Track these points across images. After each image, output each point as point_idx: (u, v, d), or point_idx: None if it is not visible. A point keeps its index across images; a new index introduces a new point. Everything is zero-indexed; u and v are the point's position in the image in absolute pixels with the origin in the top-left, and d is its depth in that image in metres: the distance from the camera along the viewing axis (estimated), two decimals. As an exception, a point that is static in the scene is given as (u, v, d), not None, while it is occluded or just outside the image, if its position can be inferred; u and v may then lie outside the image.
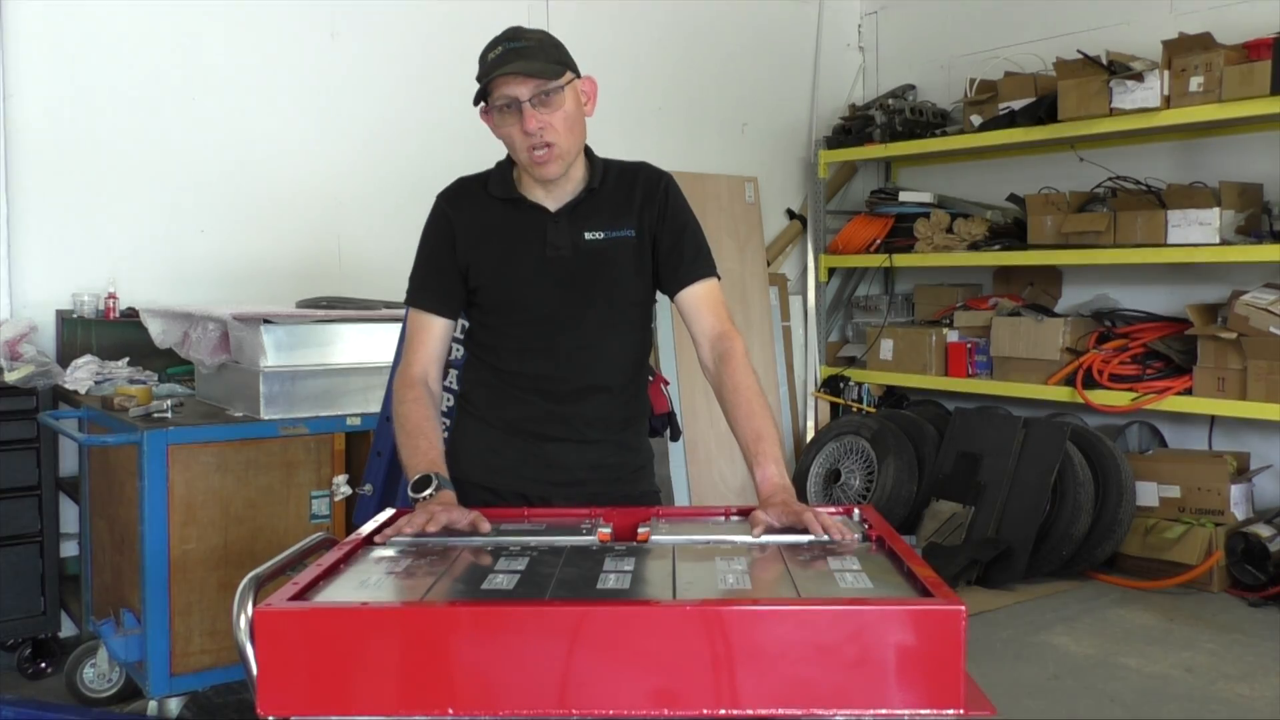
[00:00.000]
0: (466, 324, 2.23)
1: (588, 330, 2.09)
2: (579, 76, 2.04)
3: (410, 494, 1.88)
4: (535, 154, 1.97)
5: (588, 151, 2.12)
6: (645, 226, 2.09)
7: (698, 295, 2.09)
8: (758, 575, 1.53)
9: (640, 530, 1.77)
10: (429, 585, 1.50)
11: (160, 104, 4.31)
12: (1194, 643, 4.02)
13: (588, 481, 2.12)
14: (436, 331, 2.11)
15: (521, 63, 1.92)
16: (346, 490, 3.32)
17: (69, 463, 3.88)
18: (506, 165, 2.13)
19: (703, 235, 2.14)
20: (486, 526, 1.79)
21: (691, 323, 2.10)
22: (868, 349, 6.00)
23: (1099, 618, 4.32)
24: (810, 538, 1.71)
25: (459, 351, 2.65)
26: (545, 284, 2.07)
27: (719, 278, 2.14)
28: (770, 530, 1.76)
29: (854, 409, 6.01)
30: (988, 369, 5.47)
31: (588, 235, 2.06)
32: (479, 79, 1.97)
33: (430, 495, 1.85)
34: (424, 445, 1.96)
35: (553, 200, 2.08)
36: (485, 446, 2.14)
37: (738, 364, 2.02)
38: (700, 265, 2.10)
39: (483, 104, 2.01)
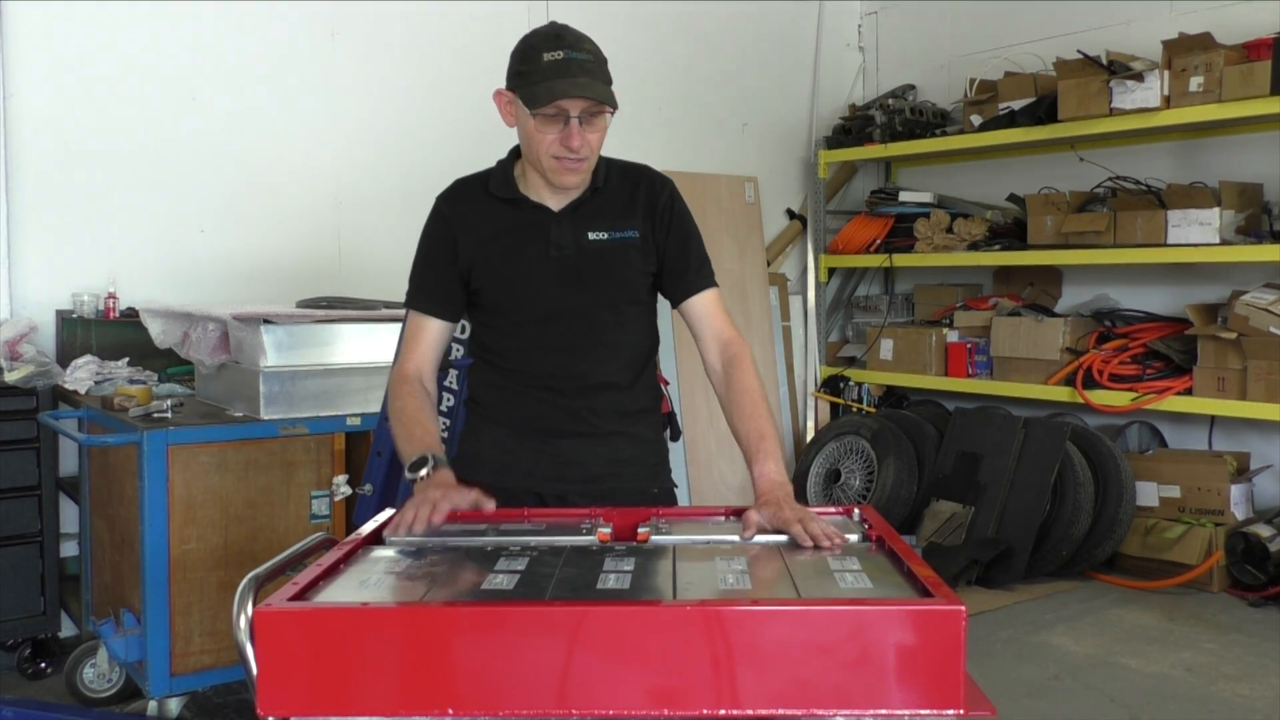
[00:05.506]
0: (468, 327, 2.23)
1: (592, 328, 2.09)
2: None
3: (407, 474, 1.88)
4: (565, 163, 1.98)
5: None
6: (649, 232, 2.11)
7: (705, 304, 2.14)
8: (758, 575, 1.53)
9: (640, 530, 1.77)
10: (429, 585, 1.50)
11: (160, 104, 4.31)
12: (1194, 643, 4.02)
13: (604, 477, 2.11)
14: (434, 333, 2.12)
15: (586, 80, 1.91)
16: (346, 490, 3.32)
17: (69, 463, 3.87)
18: (508, 164, 2.12)
19: (703, 244, 2.18)
20: (490, 505, 1.78)
21: (699, 330, 2.14)
22: (868, 349, 5.99)
23: (1099, 618, 4.32)
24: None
25: (459, 351, 2.64)
26: (548, 283, 2.07)
27: (718, 285, 2.18)
28: (761, 532, 1.76)
29: (854, 409, 6.01)
30: (988, 369, 5.46)
31: (591, 235, 2.07)
32: (532, 77, 1.92)
33: (427, 475, 1.85)
34: (419, 432, 1.97)
35: (556, 200, 2.08)
36: (498, 447, 2.14)
37: (746, 368, 2.07)
38: (705, 275, 2.15)
39: (507, 91, 2.00)
